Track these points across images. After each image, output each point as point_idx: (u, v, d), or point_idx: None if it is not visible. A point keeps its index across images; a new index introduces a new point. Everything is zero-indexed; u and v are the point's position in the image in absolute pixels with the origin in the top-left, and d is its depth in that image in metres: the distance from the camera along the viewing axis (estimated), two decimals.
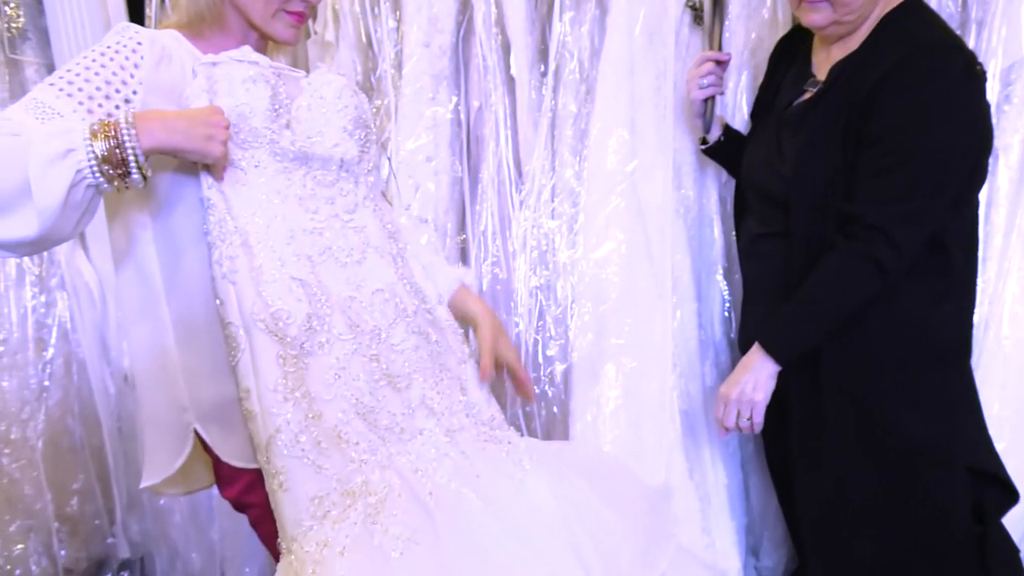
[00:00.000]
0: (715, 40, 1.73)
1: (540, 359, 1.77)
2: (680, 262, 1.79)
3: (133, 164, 1.01)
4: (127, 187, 1.03)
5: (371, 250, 1.21)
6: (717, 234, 1.87)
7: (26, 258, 2.37)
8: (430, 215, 1.88)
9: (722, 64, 1.70)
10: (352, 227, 1.21)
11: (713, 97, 1.69)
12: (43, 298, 2.36)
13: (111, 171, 1.00)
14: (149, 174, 1.03)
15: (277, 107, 1.15)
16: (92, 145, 0.99)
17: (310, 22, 2.21)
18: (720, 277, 1.86)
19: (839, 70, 1.47)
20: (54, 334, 2.36)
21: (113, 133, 0.99)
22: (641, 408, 1.69)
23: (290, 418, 1.09)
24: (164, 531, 2.23)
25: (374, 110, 2.02)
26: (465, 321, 1.39)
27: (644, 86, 1.81)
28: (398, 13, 1.99)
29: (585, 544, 1.11)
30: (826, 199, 1.44)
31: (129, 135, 1.00)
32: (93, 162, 0.99)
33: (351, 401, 1.13)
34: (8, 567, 2.31)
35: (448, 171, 1.93)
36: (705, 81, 1.66)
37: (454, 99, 1.95)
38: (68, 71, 1.09)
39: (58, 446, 2.35)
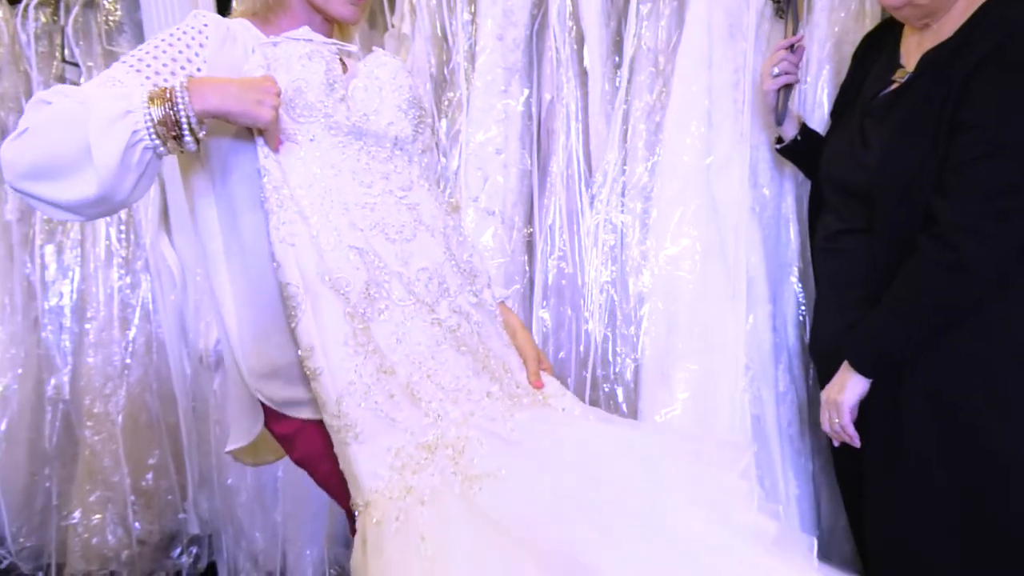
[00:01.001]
0: (789, 27, 1.67)
1: (609, 356, 1.74)
2: (754, 262, 1.72)
3: (186, 126, 1.04)
4: (181, 150, 1.07)
5: (422, 228, 1.21)
6: (793, 235, 1.80)
7: (114, 240, 2.48)
8: (498, 207, 1.87)
9: (796, 51, 1.63)
10: (406, 204, 1.21)
11: (788, 87, 1.62)
12: (128, 279, 2.46)
13: (165, 133, 1.04)
14: (202, 136, 1.07)
15: (332, 81, 1.17)
16: (149, 108, 1.03)
17: (387, 15, 2.25)
18: (795, 279, 1.79)
19: (931, 58, 1.39)
20: (137, 314, 2.46)
21: (169, 96, 1.04)
22: (711, 410, 1.63)
23: (362, 371, 1.09)
24: (231, 510, 2.29)
25: (447, 102, 2.03)
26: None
27: (722, 80, 1.75)
28: (473, 6, 1.99)
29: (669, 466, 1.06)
30: (913, 191, 1.36)
31: (183, 98, 1.04)
32: (149, 124, 1.03)
33: (416, 363, 1.12)
34: (86, 535, 2.42)
35: (517, 164, 1.92)
36: (776, 69, 1.60)
37: (525, 92, 1.94)
38: (140, 50, 1.14)
39: (137, 421, 2.45)
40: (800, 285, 1.79)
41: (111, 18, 2.46)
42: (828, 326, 1.51)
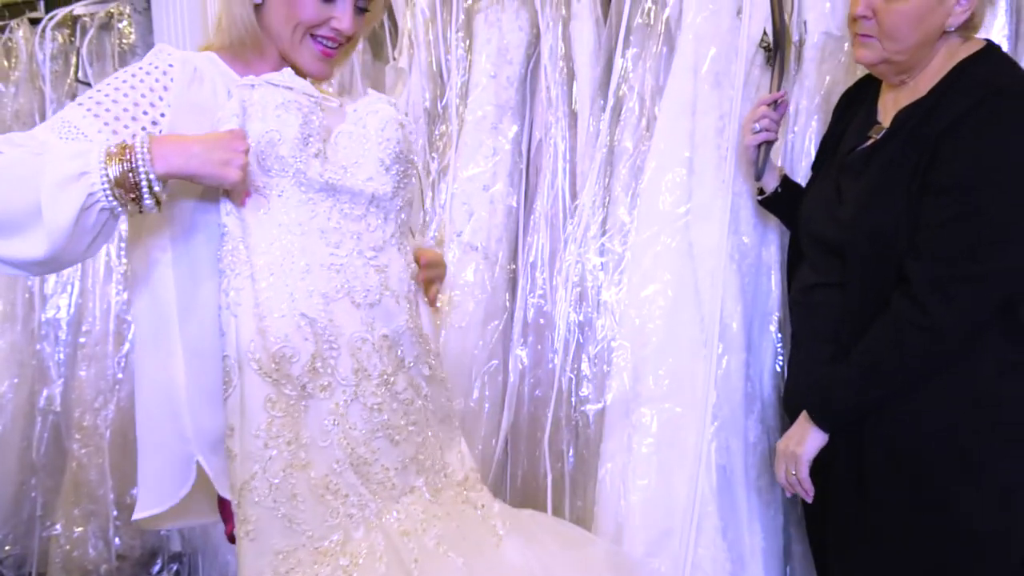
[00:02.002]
0: (774, 82, 1.67)
1: (573, 398, 1.74)
2: (731, 309, 1.71)
3: (145, 189, 0.99)
4: (141, 211, 1.02)
5: (388, 293, 1.18)
6: (774, 284, 1.79)
7: (114, 256, 2.53)
8: (481, 242, 1.89)
9: (779, 108, 1.63)
10: (374, 265, 1.17)
11: (768, 143, 1.62)
12: (125, 295, 2.51)
13: (124, 195, 0.99)
14: (164, 199, 1.02)
15: (308, 135, 1.11)
16: (106, 168, 0.98)
17: (389, 48, 2.29)
18: (774, 329, 1.77)
19: (905, 116, 1.39)
20: (132, 329, 2.50)
21: (128, 157, 0.98)
22: (674, 458, 1.62)
23: (267, 466, 1.05)
24: (206, 531, 2.31)
25: (438, 136, 2.06)
26: None
27: (706, 126, 1.76)
28: (468, 43, 2.03)
29: None
30: (884, 248, 1.35)
31: (143, 159, 0.99)
32: (106, 185, 0.97)
33: (346, 451, 1.10)
34: (68, 547, 2.44)
35: (504, 200, 1.94)
36: (757, 125, 1.60)
37: (515, 129, 1.96)
38: (99, 91, 1.09)
39: (125, 436, 2.47)
40: (779, 335, 1.78)
41: (125, 41, 2.54)
42: (800, 380, 1.49)
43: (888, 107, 1.46)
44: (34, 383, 2.55)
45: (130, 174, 0.98)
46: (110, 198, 0.98)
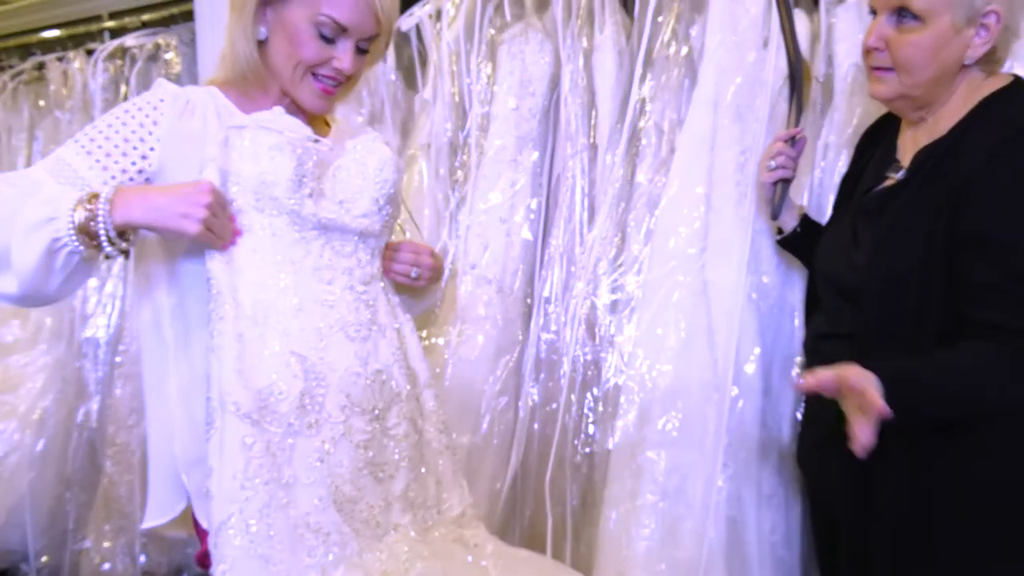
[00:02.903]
0: (791, 118, 1.60)
1: (577, 439, 1.69)
2: (748, 352, 1.64)
3: (104, 238, 1.03)
4: (107, 257, 1.07)
5: (376, 328, 1.19)
6: (798, 325, 1.70)
7: None
8: (495, 275, 1.87)
9: (796, 144, 1.56)
10: (364, 300, 1.19)
11: (785, 181, 1.56)
12: None
13: (87, 240, 1.03)
14: (126, 247, 1.06)
15: (301, 176, 1.13)
16: (73, 214, 1.02)
17: (419, 78, 2.30)
18: (796, 373, 1.69)
19: (924, 156, 1.31)
20: None
21: (92, 205, 1.03)
22: (681, 508, 1.55)
23: (244, 507, 1.05)
24: None
25: (458, 167, 2.05)
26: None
27: (726, 161, 1.70)
28: (491, 75, 2.02)
29: None
30: (900, 295, 1.26)
31: (104, 209, 1.03)
32: (71, 231, 1.02)
33: (330, 488, 1.10)
34: (97, 561, 2.50)
35: (520, 233, 1.91)
36: (773, 163, 1.53)
37: (534, 161, 1.94)
38: (93, 128, 1.14)
39: None
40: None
41: (171, 71, 2.63)
42: (808, 435, 1.42)
43: (907, 145, 1.38)
44: (73, 399, 2.63)
45: (91, 222, 1.03)
46: (75, 243, 1.03)
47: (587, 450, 1.67)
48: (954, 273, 1.21)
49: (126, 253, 1.10)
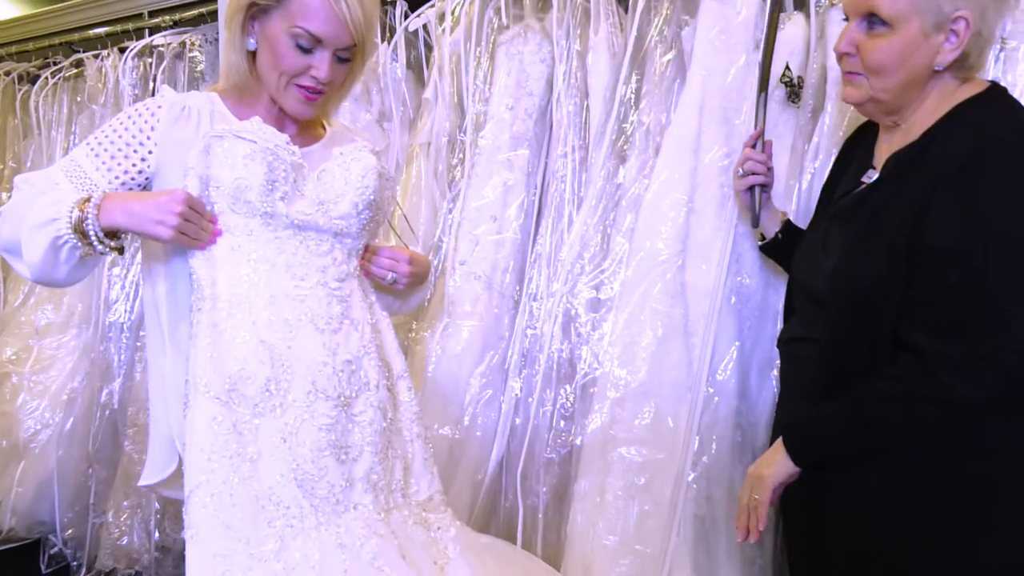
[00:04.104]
0: (757, 122, 1.60)
1: (548, 433, 1.72)
2: (725, 353, 1.65)
3: (93, 237, 1.17)
4: (101, 253, 1.20)
5: (347, 321, 1.29)
6: (780, 329, 1.70)
7: None
8: (484, 272, 1.91)
9: (766, 150, 1.56)
10: (337, 295, 1.29)
11: (763, 187, 1.56)
12: None
13: (82, 238, 1.18)
14: (114, 245, 1.20)
15: (273, 180, 1.24)
16: (71, 215, 1.17)
17: (426, 75, 2.35)
18: (776, 374, 1.69)
19: (895, 161, 1.30)
20: None
21: (84, 208, 1.17)
22: (649, 504, 1.57)
23: (210, 478, 1.15)
24: None
25: (455, 165, 2.10)
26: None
27: (710, 164, 1.71)
28: (489, 75, 2.06)
29: None
30: (863, 304, 1.25)
31: (92, 213, 1.16)
32: (69, 229, 1.17)
33: (291, 466, 1.19)
34: (116, 535, 2.63)
35: (512, 231, 1.95)
36: (741, 169, 1.53)
37: (527, 161, 1.97)
38: (100, 131, 1.28)
39: None
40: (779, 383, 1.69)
41: (196, 68, 2.74)
42: (775, 438, 1.42)
43: (883, 151, 1.38)
44: (99, 381, 2.76)
45: (83, 222, 1.17)
46: (75, 240, 1.18)
47: (560, 445, 1.70)
48: (907, 282, 1.21)
49: (120, 250, 1.23)
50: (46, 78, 3.16)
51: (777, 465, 1.29)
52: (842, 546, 1.28)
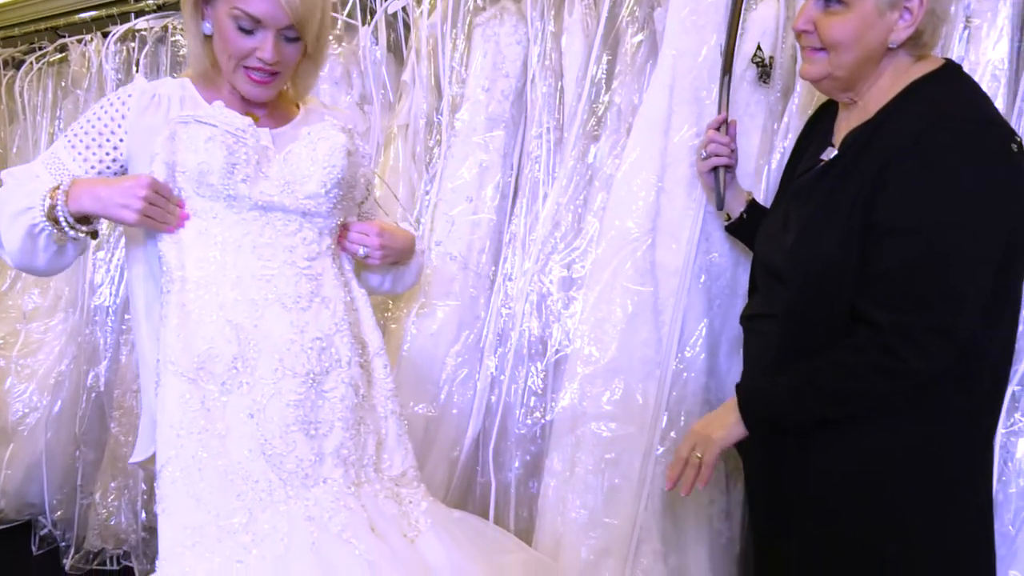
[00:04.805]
0: (722, 105, 1.62)
1: (520, 411, 1.75)
2: (694, 330, 1.68)
3: (63, 222, 1.22)
4: (75, 239, 1.25)
5: (318, 299, 1.31)
6: None
7: None
8: (459, 252, 1.93)
9: (730, 132, 1.57)
10: (306, 274, 1.31)
11: (727, 168, 1.58)
12: None
13: (55, 224, 1.22)
14: (85, 230, 1.24)
15: (233, 164, 1.26)
16: (44, 203, 1.22)
17: (406, 58, 2.36)
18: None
19: (852, 139, 1.32)
20: None
21: (54, 196, 1.22)
22: (618, 478, 1.60)
23: (179, 453, 1.19)
24: None
25: (433, 146, 2.11)
26: None
27: (680, 144, 1.73)
28: (466, 56, 2.07)
29: None
30: (821, 280, 1.28)
31: (61, 199, 1.21)
32: (43, 217, 1.22)
33: (259, 441, 1.22)
34: (104, 515, 2.66)
35: (487, 212, 1.96)
36: (704, 151, 1.55)
37: (503, 142, 1.99)
38: (76, 124, 1.33)
39: None
40: None
41: (179, 52, 2.75)
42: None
43: (841, 129, 1.40)
44: (85, 364, 2.79)
45: (53, 209, 1.22)
46: (49, 226, 1.23)
47: (532, 421, 1.73)
48: (863, 258, 1.23)
49: (94, 235, 1.28)
50: (31, 63, 3.16)
51: (729, 428, 1.31)
52: (802, 519, 1.30)
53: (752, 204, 1.63)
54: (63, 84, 3.07)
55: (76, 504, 2.75)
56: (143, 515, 2.61)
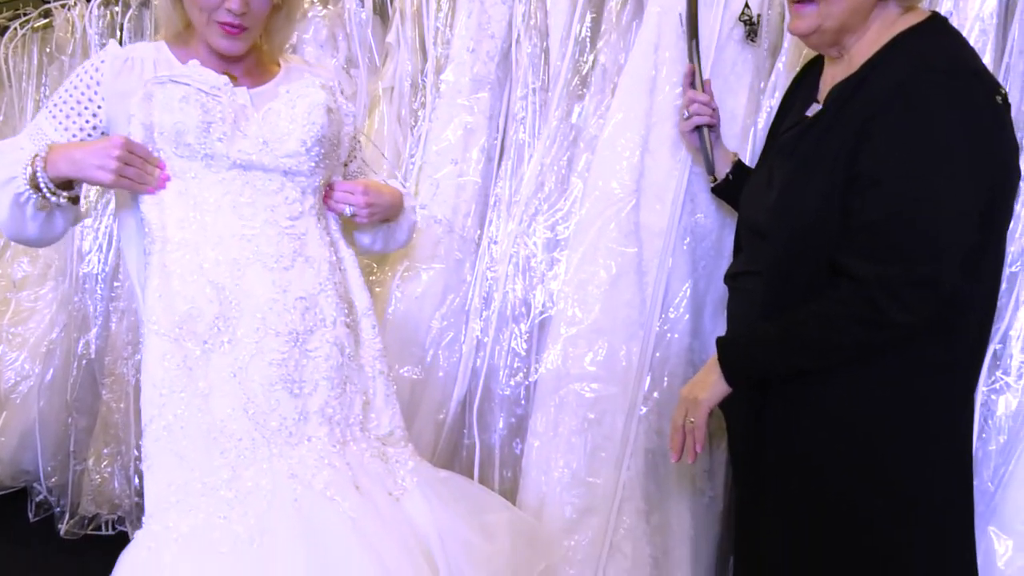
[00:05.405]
0: (696, 68, 1.59)
1: (504, 372, 1.75)
2: (678, 291, 1.67)
3: (45, 188, 1.22)
4: (59, 206, 1.26)
5: (301, 259, 1.30)
6: None
7: None
8: (444, 215, 1.91)
9: (707, 90, 1.56)
10: (289, 233, 1.30)
11: (709, 127, 1.56)
12: None
13: (37, 192, 1.23)
14: (66, 195, 1.24)
15: (208, 122, 1.26)
16: (26, 171, 1.22)
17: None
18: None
19: (836, 93, 1.30)
20: None
21: (34, 163, 1.22)
22: (601, 438, 1.60)
23: (162, 412, 1.20)
24: None
25: (418, 108, 2.09)
26: None
27: (665, 104, 1.71)
28: (450, 16, 2.04)
29: (442, 566, 1.18)
30: (804, 236, 1.27)
31: (40, 165, 1.22)
32: (26, 185, 1.22)
33: (242, 400, 1.23)
34: (98, 481, 2.68)
35: (472, 175, 1.95)
36: (687, 111, 1.53)
37: (487, 103, 1.96)
38: (55, 94, 1.32)
39: None
40: None
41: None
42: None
43: (827, 83, 1.38)
44: (76, 332, 2.79)
45: (35, 176, 1.22)
46: (32, 194, 1.23)
47: (516, 382, 1.73)
48: (846, 211, 1.22)
49: (75, 200, 1.28)
50: (15, 29, 3.12)
51: (712, 387, 1.31)
52: (786, 476, 1.30)
53: (738, 165, 1.61)
54: (48, 50, 3.04)
55: (70, 471, 2.76)
56: (136, 480, 2.63)
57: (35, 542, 2.73)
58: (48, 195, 1.23)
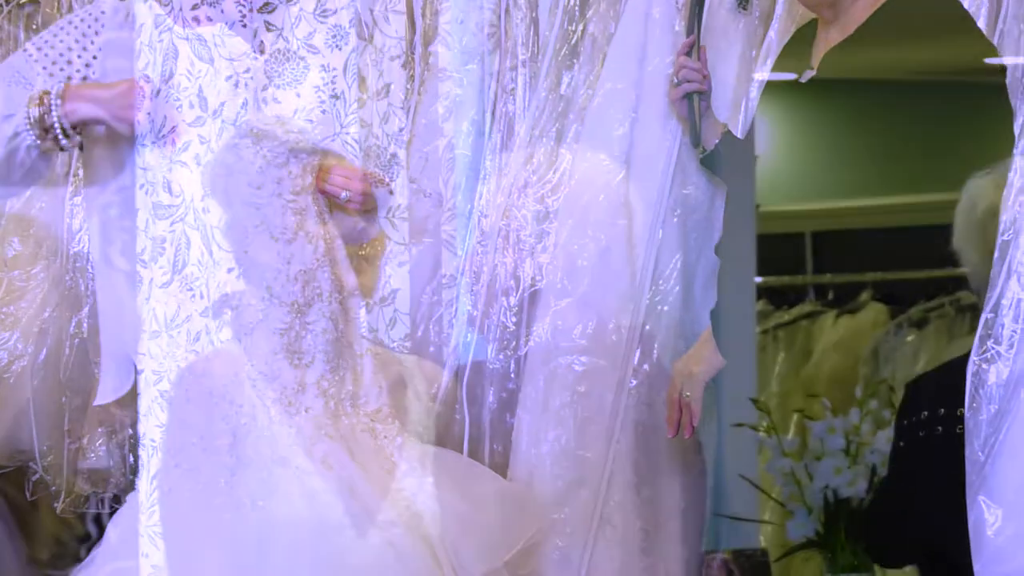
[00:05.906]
0: (692, 27, 1.57)
1: (492, 346, 1.74)
2: (668, 263, 1.67)
3: (59, 129, 1.20)
4: (61, 149, 1.24)
5: (303, 233, 1.31)
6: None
7: None
8: (434, 190, 1.90)
9: (700, 57, 1.53)
10: (292, 207, 1.32)
11: (699, 94, 1.54)
12: None
13: (43, 134, 1.20)
14: (78, 140, 1.22)
15: (235, 85, 1.27)
16: (28, 110, 1.19)
17: None
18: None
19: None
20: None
21: (45, 101, 1.19)
22: (591, 411, 1.61)
23: (162, 376, 1.24)
24: None
25: (407, 81, 2.06)
26: None
27: (655, 73, 1.69)
28: None
29: (435, 536, 1.22)
30: None
31: (56, 105, 1.19)
32: (27, 124, 1.19)
33: (245, 367, 1.25)
34: (93, 458, 2.68)
35: (461, 147, 1.93)
36: (676, 78, 1.52)
37: (476, 76, 1.94)
38: (40, 37, 1.30)
39: None
40: None
41: None
42: None
43: (820, 47, 1.37)
44: (68, 310, 2.77)
45: (46, 115, 1.19)
46: (32, 135, 1.20)
47: (505, 356, 1.73)
48: None
49: (81, 147, 1.27)
50: (0, 5, 3.08)
51: (706, 360, 1.31)
52: None
53: (728, 135, 1.60)
54: (34, 27, 2.99)
55: (64, 450, 2.76)
56: (131, 458, 2.63)
57: None
58: (60, 137, 1.21)
